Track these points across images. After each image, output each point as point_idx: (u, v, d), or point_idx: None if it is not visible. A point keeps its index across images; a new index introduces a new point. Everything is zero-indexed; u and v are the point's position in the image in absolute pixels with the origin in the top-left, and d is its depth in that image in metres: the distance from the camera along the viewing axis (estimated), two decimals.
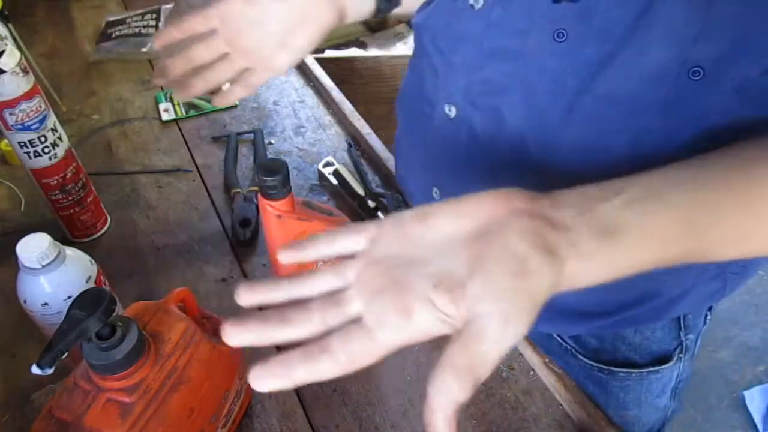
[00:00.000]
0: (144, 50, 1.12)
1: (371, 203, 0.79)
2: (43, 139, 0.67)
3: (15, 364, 0.64)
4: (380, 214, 0.77)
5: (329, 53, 2.02)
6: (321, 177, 0.86)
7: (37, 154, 0.68)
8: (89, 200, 0.75)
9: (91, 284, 0.56)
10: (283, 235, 0.57)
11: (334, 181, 0.83)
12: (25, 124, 0.65)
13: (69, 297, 0.54)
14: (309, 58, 1.08)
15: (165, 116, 0.98)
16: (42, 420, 0.45)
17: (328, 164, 0.86)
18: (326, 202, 0.83)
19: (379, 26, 2.41)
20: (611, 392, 0.67)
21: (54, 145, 0.69)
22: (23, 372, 0.63)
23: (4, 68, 0.61)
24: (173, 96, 0.60)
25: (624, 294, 0.56)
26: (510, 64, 0.46)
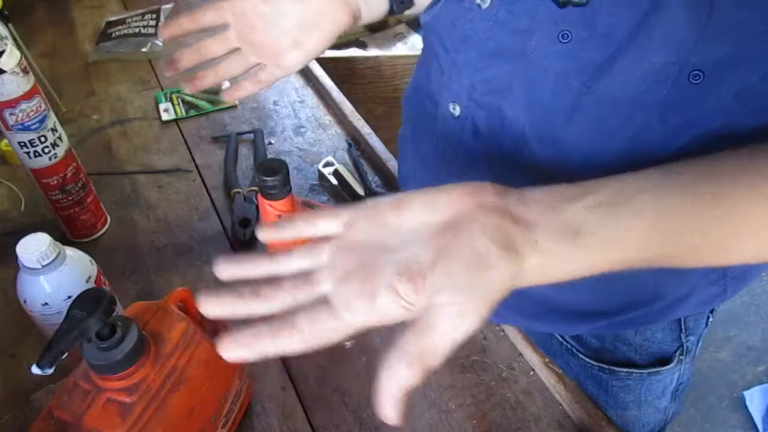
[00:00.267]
0: (144, 50, 1.12)
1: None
2: (43, 139, 0.67)
3: (15, 364, 0.64)
4: None
5: (329, 53, 2.02)
6: (321, 177, 0.86)
7: (37, 154, 0.68)
8: (89, 200, 0.75)
9: (91, 284, 0.56)
10: None
11: (334, 181, 0.83)
12: (25, 124, 0.65)
13: (69, 297, 0.54)
14: None
15: (165, 116, 0.98)
16: (42, 420, 0.45)
17: (328, 164, 0.86)
18: (326, 202, 0.83)
19: (379, 26, 2.41)
20: (611, 392, 0.67)
21: (54, 145, 0.69)
22: (23, 372, 0.63)
23: (4, 68, 0.61)
24: (183, 88, 0.60)
25: (624, 296, 0.56)
26: (514, 64, 0.46)
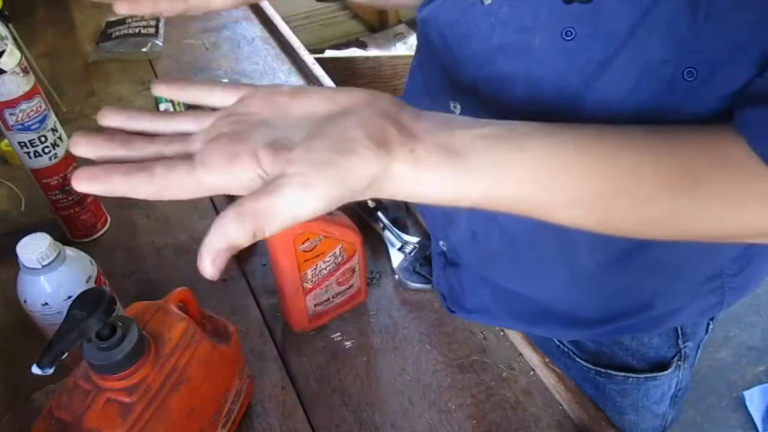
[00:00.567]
0: (144, 50, 1.12)
1: (371, 203, 0.79)
2: (44, 139, 0.67)
3: (15, 364, 0.64)
4: (380, 214, 0.77)
5: (329, 53, 2.02)
6: None
7: (37, 154, 0.68)
8: (89, 200, 0.75)
9: (91, 284, 0.56)
10: (283, 235, 0.57)
11: None
12: (25, 124, 0.65)
13: (69, 297, 0.54)
14: (309, 58, 1.08)
15: None
16: (42, 420, 0.45)
17: None
18: None
19: (379, 26, 2.41)
20: (608, 396, 0.66)
21: (54, 145, 0.69)
22: (23, 372, 0.63)
23: (4, 68, 0.61)
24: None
25: (621, 304, 0.56)
26: (516, 61, 0.45)
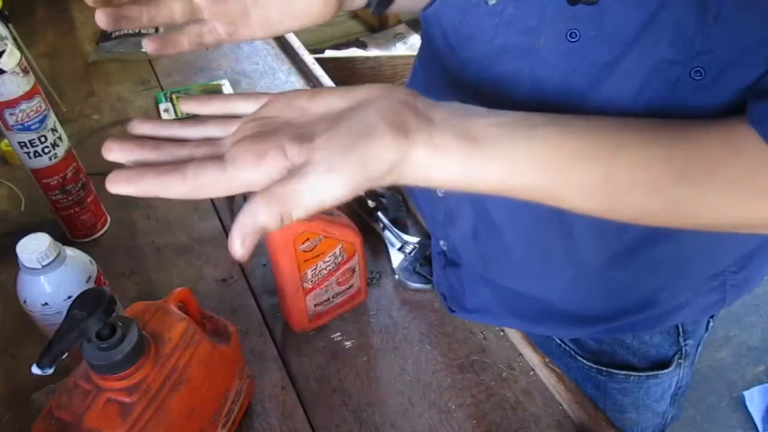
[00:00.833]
0: (144, 50, 1.12)
1: (371, 203, 0.79)
2: (43, 139, 0.67)
3: (15, 364, 0.64)
4: (380, 214, 0.77)
5: (329, 53, 2.02)
6: None
7: (37, 154, 0.68)
8: (89, 200, 0.75)
9: (91, 284, 0.56)
10: (283, 235, 0.57)
11: None
12: (25, 124, 0.65)
13: (69, 297, 0.54)
14: (309, 58, 1.08)
15: (165, 116, 0.98)
16: (42, 420, 0.45)
17: None
18: None
19: (379, 26, 2.41)
20: (609, 394, 0.66)
21: (54, 145, 0.69)
22: (23, 372, 0.63)
23: (4, 68, 0.61)
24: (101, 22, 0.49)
25: (623, 302, 0.56)
26: (520, 62, 0.45)
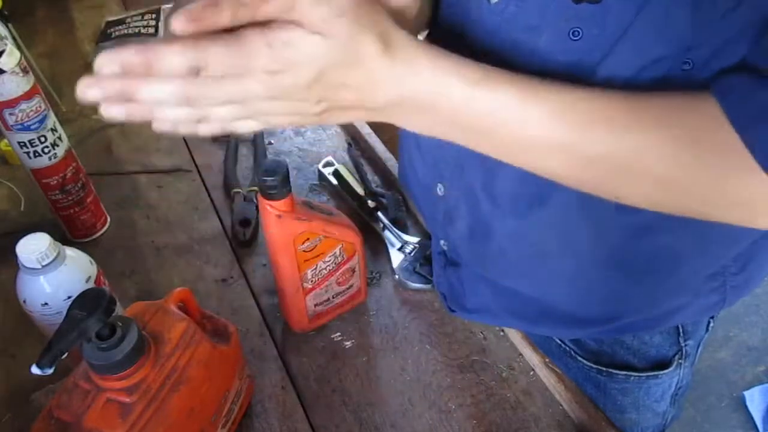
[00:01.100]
0: None
1: (371, 203, 0.79)
2: (43, 139, 0.67)
3: (15, 364, 0.64)
4: (380, 214, 0.77)
5: None
6: (321, 177, 0.86)
7: (37, 154, 0.68)
8: (89, 200, 0.76)
9: (91, 284, 0.56)
10: (283, 235, 0.57)
11: (334, 181, 0.83)
12: (25, 124, 0.65)
13: (69, 297, 0.54)
14: None
15: None
16: (42, 420, 0.45)
17: (328, 164, 0.86)
18: (326, 202, 0.83)
19: None
20: (609, 395, 0.66)
21: (54, 145, 0.69)
22: (23, 372, 0.63)
23: (4, 68, 0.61)
24: None
25: (623, 303, 0.56)
26: (522, 60, 0.45)
